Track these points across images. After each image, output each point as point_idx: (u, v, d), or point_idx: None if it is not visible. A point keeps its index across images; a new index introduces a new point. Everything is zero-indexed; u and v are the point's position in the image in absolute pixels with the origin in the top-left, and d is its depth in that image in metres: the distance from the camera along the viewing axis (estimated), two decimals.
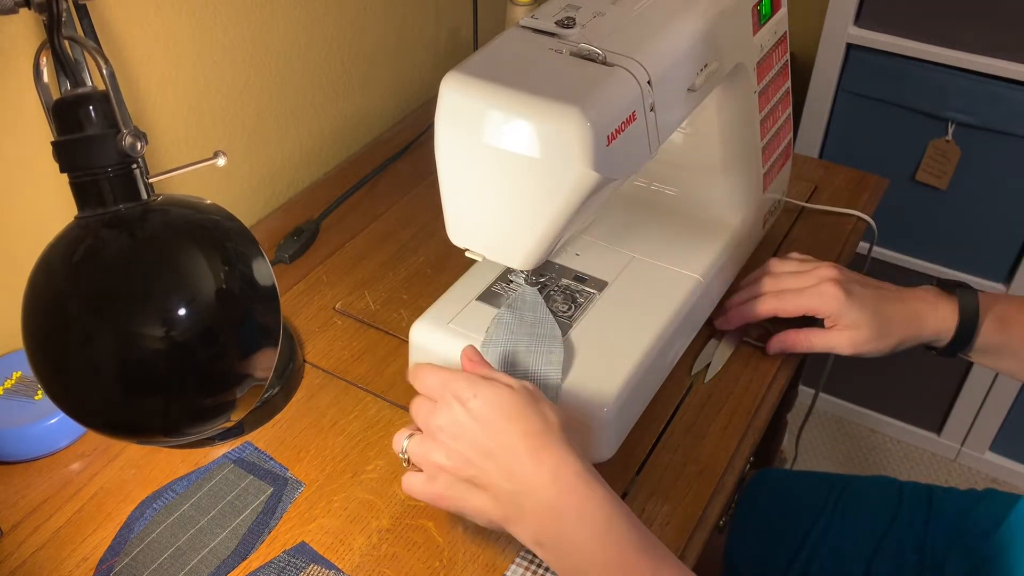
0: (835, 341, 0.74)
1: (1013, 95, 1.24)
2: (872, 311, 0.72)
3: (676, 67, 0.65)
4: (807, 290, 0.74)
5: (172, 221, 0.59)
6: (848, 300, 0.71)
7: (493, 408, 0.56)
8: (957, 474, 1.68)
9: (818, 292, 0.73)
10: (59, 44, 0.57)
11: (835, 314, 0.72)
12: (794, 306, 0.74)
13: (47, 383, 0.58)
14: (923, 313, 0.73)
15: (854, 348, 0.73)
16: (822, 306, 0.73)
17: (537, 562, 0.64)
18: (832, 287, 0.72)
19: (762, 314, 0.76)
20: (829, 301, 0.72)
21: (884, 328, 0.72)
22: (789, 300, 0.75)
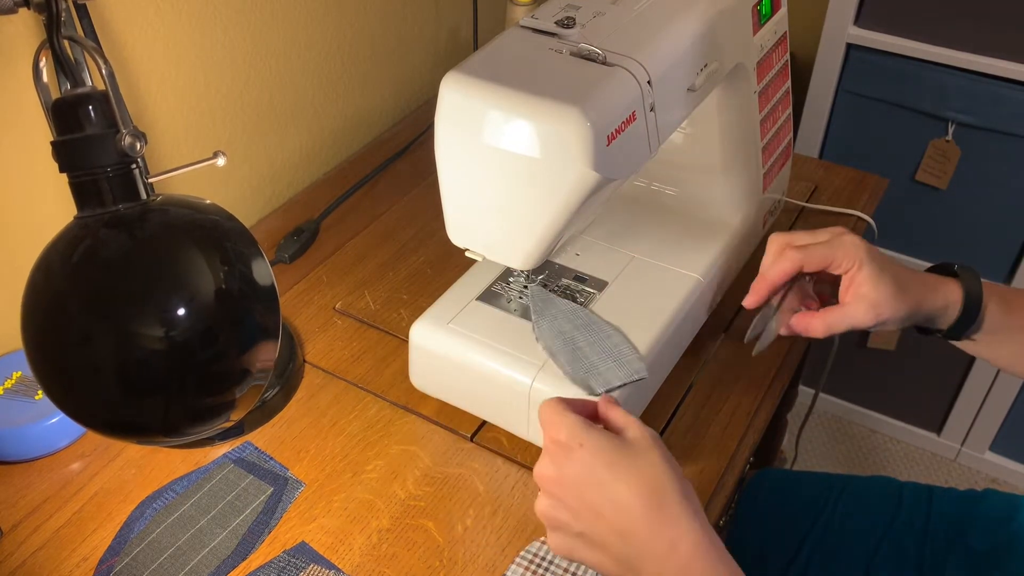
0: (854, 311, 0.68)
1: (1013, 95, 1.24)
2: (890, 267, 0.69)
3: (676, 67, 0.65)
4: (831, 241, 0.69)
5: (171, 221, 0.59)
6: (868, 252, 0.68)
7: (599, 460, 0.52)
8: (957, 474, 1.68)
9: (840, 243, 0.69)
10: (59, 44, 0.57)
11: (855, 266, 0.68)
12: (819, 255, 0.69)
13: (47, 383, 0.58)
14: (933, 282, 0.70)
15: (875, 313, 0.68)
16: (845, 256, 0.68)
17: (537, 562, 0.64)
18: (852, 237, 0.69)
19: (787, 271, 0.70)
20: (852, 250, 0.68)
21: (900, 288, 0.68)
22: (814, 251, 0.69)
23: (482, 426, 0.74)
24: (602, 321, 0.69)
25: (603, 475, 0.51)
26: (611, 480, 0.51)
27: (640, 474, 0.51)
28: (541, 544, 0.66)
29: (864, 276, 0.68)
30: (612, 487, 0.51)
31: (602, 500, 0.51)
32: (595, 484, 0.51)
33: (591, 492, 0.51)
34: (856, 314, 0.68)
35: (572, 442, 0.52)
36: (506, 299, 0.75)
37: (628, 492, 0.51)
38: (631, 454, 0.52)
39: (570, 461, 0.52)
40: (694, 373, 0.79)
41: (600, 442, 0.53)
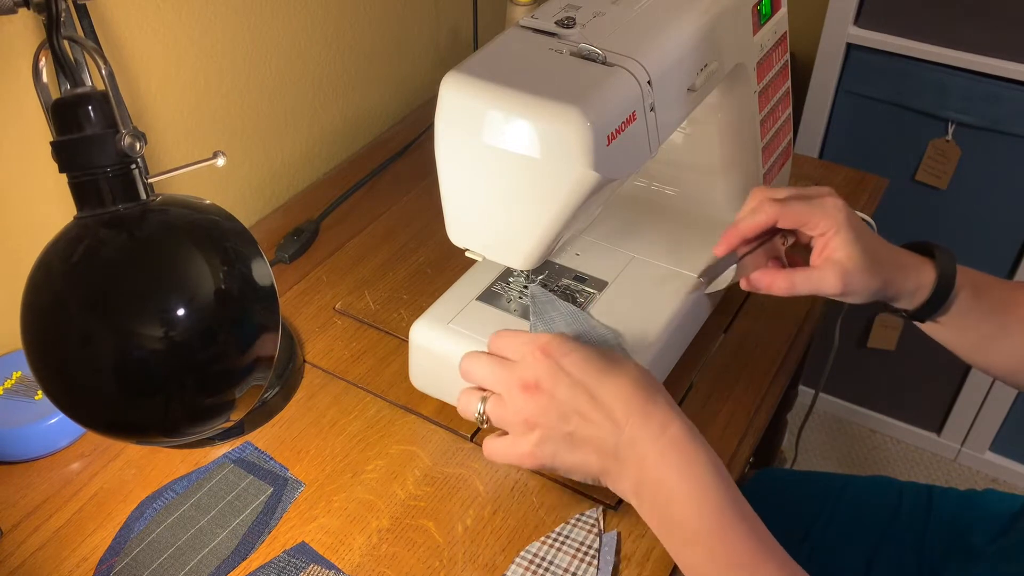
0: (822, 276, 0.66)
1: (1013, 95, 1.24)
2: (866, 239, 0.67)
3: (676, 67, 0.65)
4: (812, 200, 0.67)
5: (171, 221, 0.59)
6: (848, 219, 0.66)
7: (591, 363, 0.56)
8: (957, 474, 1.68)
9: (821, 204, 0.66)
10: (58, 44, 0.57)
11: (832, 230, 0.65)
12: (796, 212, 0.66)
13: (46, 383, 0.58)
14: (907, 262, 0.69)
15: (843, 282, 0.65)
16: (824, 218, 0.66)
17: (537, 562, 0.64)
18: (836, 200, 0.67)
19: (761, 223, 0.68)
20: (832, 212, 0.65)
21: (873, 262, 0.66)
22: (793, 206, 0.66)
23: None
24: (600, 325, 0.69)
25: (596, 377, 0.56)
26: (603, 377, 0.56)
27: (630, 372, 0.57)
28: (541, 544, 0.66)
29: (839, 242, 0.65)
30: (606, 387, 0.56)
31: (595, 399, 0.55)
32: (588, 386, 0.56)
33: (584, 394, 0.56)
34: (824, 279, 0.66)
35: (560, 349, 0.57)
36: (506, 299, 0.75)
37: (624, 383, 0.56)
38: (617, 359, 0.58)
39: (562, 367, 0.56)
40: (694, 373, 0.79)
41: (587, 351, 0.57)
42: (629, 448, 0.55)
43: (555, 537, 0.66)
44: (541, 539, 0.66)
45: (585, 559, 0.64)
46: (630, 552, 0.65)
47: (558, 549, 0.65)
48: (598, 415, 0.55)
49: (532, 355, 0.58)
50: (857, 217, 0.68)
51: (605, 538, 0.65)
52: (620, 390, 0.56)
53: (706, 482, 0.54)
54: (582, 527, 0.67)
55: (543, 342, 0.58)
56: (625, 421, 0.55)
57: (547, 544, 0.66)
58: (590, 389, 0.56)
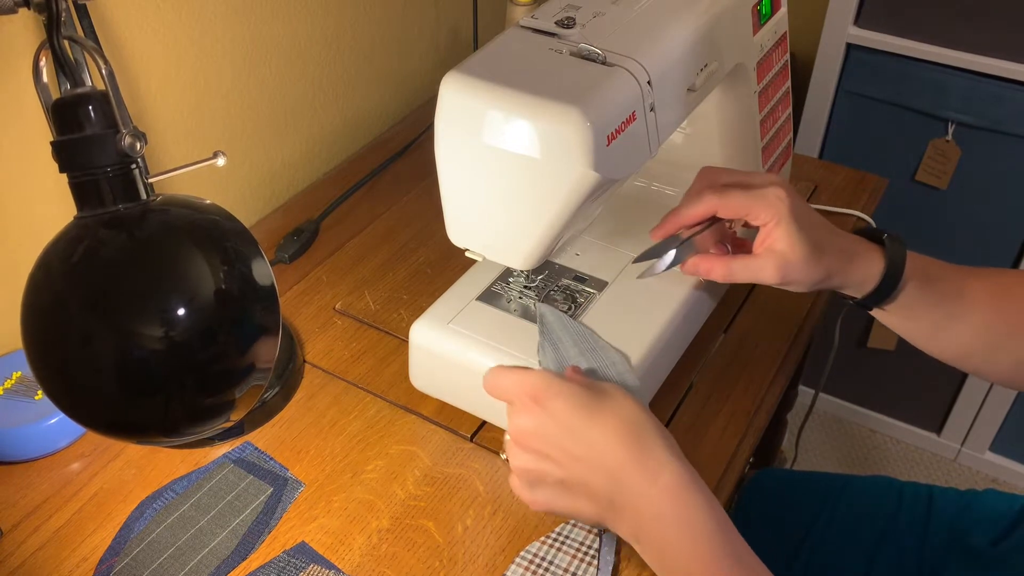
0: (761, 266, 0.65)
1: (1013, 95, 1.24)
2: (810, 229, 0.65)
3: (676, 67, 0.65)
4: (754, 190, 0.65)
5: (171, 221, 0.59)
6: (791, 209, 0.64)
7: (576, 408, 0.54)
8: (957, 474, 1.68)
9: (764, 194, 0.64)
10: (58, 44, 0.57)
11: (774, 222, 0.64)
12: (737, 203, 0.65)
13: (46, 383, 0.58)
14: (854, 252, 0.67)
15: (782, 273, 0.64)
16: (765, 208, 0.64)
17: (537, 562, 0.64)
18: (779, 191, 0.65)
19: (700, 214, 0.67)
20: (775, 203, 0.64)
21: (815, 253, 0.64)
22: (732, 197, 0.65)
23: (482, 426, 0.74)
24: (609, 346, 0.68)
25: (582, 419, 0.54)
26: (590, 423, 0.54)
27: (617, 414, 0.54)
28: (541, 544, 0.66)
29: (780, 232, 0.64)
30: (592, 429, 0.54)
31: (583, 443, 0.54)
32: (575, 429, 0.54)
33: (572, 437, 0.54)
34: (762, 268, 0.65)
35: (547, 393, 0.55)
36: (506, 299, 0.75)
37: (609, 431, 0.54)
38: (606, 398, 0.55)
39: (547, 412, 0.54)
40: (694, 373, 0.79)
41: (574, 389, 0.55)
42: (622, 496, 0.54)
43: (555, 537, 0.66)
44: (541, 539, 0.66)
45: (585, 559, 0.64)
46: (630, 552, 0.65)
47: (558, 549, 0.65)
48: (589, 462, 0.54)
49: (520, 401, 0.56)
50: (803, 205, 0.66)
51: (605, 538, 0.65)
52: (610, 435, 0.54)
53: (701, 529, 0.53)
54: (582, 527, 0.67)
55: (530, 385, 0.56)
56: (618, 468, 0.53)
57: (547, 544, 0.66)
58: (578, 435, 0.54)
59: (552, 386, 0.55)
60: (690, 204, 0.67)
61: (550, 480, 0.55)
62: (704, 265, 0.68)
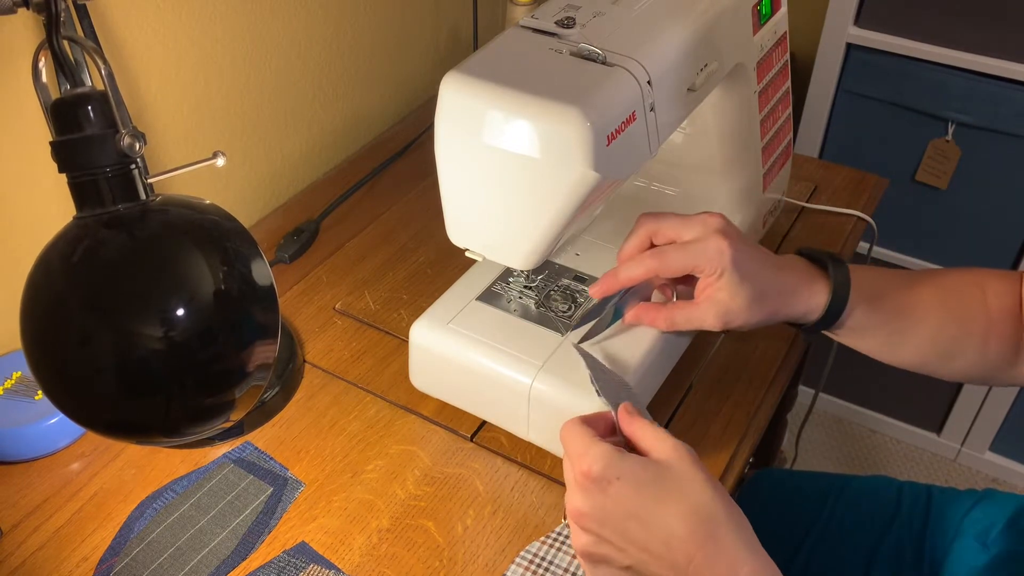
0: (702, 314, 0.64)
1: (1013, 95, 1.24)
2: (752, 276, 0.63)
3: (676, 67, 0.65)
4: (693, 245, 0.63)
5: (171, 221, 0.59)
6: (733, 260, 0.62)
7: (638, 493, 0.49)
8: (957, 474, 1.68)
9: (704, 248, 0.62)
10: (58, 44, 0.57)
11: (716, 274, 0.63)
12: (678, 264, 0.63)
13: (46, 384, 0.58)
14: (797, 287, 0.65)
15: (722, 321, 0.64)
16: (707, 263, 0.62)
17: (537, 562, 0.64)
18: (720, 240, 0.63)
19: (639, 277, 0.65)
20: (715, 257, 0.62)
21: (757, 298, 0.63)
22: (671, 257, 0.63)
23: (482, 426, 0.74)
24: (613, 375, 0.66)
25: (648, 509, 0.49)
26: (657, 514, 0.48)
27: (687, 504, 0.49)
28: (541, 544, 0.66)
29: (722, 283, 0.63)
30: (659, 521, 0.48)
31: (650, 535, 0.48)
32: (640, 519, 0.49)
33: (637, 527, 0.49)
34: (704, 317, 0.65)
35: (607, 475, 0.49)
36: (506, 299, 0.75)
37: (678, 525, 0.48)
38: (673, 482, 0.49)
39: (608, 497, 0.49)
40: (694, 373, 0.79)
41: (638, 473, 0.49)
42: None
43: (555, 537, 0.66)
44: (541, 539, 0.66)
45: None
46: None
47: (558, 549, 0.65)
48: (655, 554, 0.49)
49: (576, 480, 0.51)
50: (745, 250, 0.64)
51: None
52: (678, 527, 0.48)
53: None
54: None
55: (587, 465, 0.50)
56: (686, 563, 0.48)
57: (547, 544, 0.66)
58: (643, 523, 0.49)
59: (611, 466, 0.49)
60: (628, 267, 0.65)
61: (615, 564, 0.51)
62: (647, 316, 0.68)
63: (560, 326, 0.72)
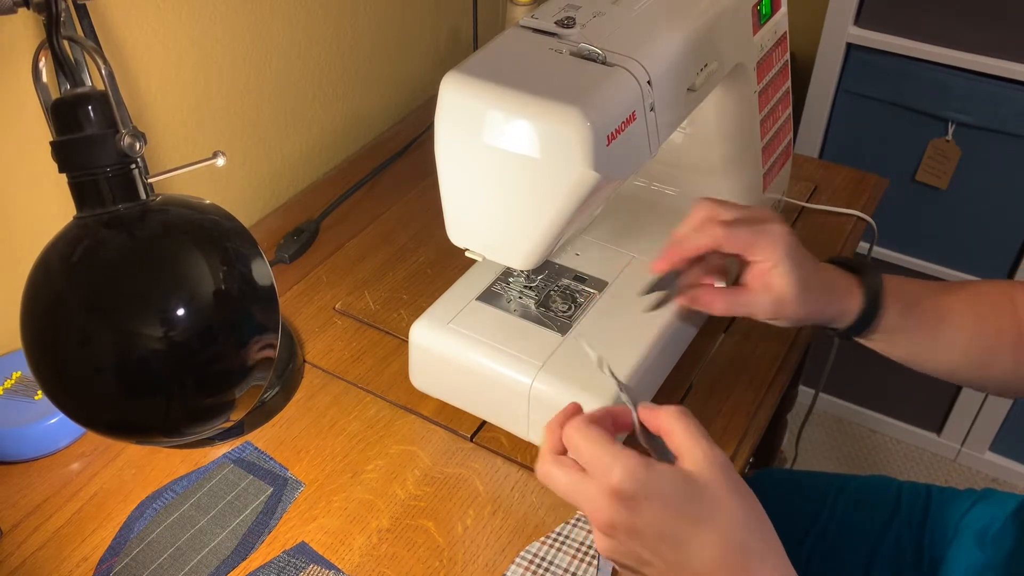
0: (757, 302, 0.66)
1: (1013, 95, 1.24)
2: (803, 268, 0.65)
3: (676, 67, 0.65)
4: (757, 226, 0.65)
5: (171, 221, 0.59)
6: (789, 249, 0.64)
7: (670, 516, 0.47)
8: (957, 474, 1.68)
9: (765, 231, 0.64)
10: (58, 44, 0.57)
11: (772, 261, 0.64)
12: (743, 240, 0.64)
13: (46, 383, 0.58)
14: (836, 287, 0.68)
15: (775, 310, 0.65)
16: (766, 246, 0.64)
17: (536, 562, 0.64)
18: (779, 226, 0.65)
19: (704, 246, 0.65)
20: (779, 242, 0.64)
21: (806, 291, 0.65)
22: (739, 233, 0.64)
23: (482, 426, 0.74)
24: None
25: (680, 531, 0.47)
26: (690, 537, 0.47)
27: (722, 531, 0.47)
28: (541, 544, 0.66)
29: (778, 272, 0.64)
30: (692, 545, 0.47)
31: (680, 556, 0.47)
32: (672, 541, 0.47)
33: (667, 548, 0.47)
34: (758, 304, 0.66)
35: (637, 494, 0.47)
36: (506, 299, 0.75)
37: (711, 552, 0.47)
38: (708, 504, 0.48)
39: (638, 516, 0.47)
40: (694, 373, 0.79)
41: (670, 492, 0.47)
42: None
43: (555, 537, 0.66)
44: (541, 539, 0.66)
45: (585, 559, 0.64)
46: None
47: (558, 549, 0.65)
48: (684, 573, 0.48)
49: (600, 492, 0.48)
50: (798, 244, 0.66)
51: None
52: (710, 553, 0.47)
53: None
54: (582, 527, 0.67)
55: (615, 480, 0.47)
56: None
57: (547, 544, 0.66)
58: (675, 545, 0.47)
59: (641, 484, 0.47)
60: (694, 236, 0.65)
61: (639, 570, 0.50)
62: (705, 298, 0.68)
63: (560, 326, 0.72)
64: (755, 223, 0.65)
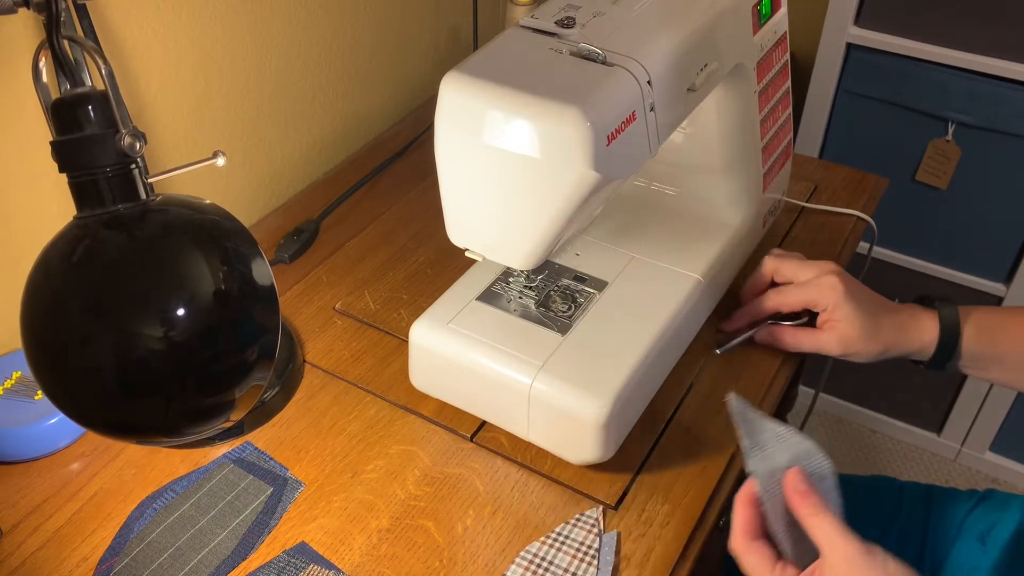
0: (825, 340, 0.75)
1: (1013, 95, 1.24)
2: (865, 311, 0.73)
3: (676, 67, 0.65)
4: (809, 283, 0.75)
5: (171, 221, 0.59)
6: (846, 294, 0.73)
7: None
8: (957, 474, 1.68)
9: (818, 284, 0.74)
10: (58, 44, 0.57)
11: (832, 306, 0.73)
12: (795, 299, 0.76)
13: (46, 383, 0.58)
14: (908, 325, 0.75)
15: (843, 347, 0.74)
16: (820, 297, 0.74)
17: (537, 563, 0.64)
18: (833, 279, 0.74)
19: (766, 311, 0.78)
20: (828, 292, 0.73)
21: (873, 331, 0.73)
22: (790, 294, 0.76)
23: (482, 426, 0.74)
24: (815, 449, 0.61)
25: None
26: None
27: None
28: (541, 544, 0.66)
29: (840, 314, 0.73)
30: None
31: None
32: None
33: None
34: (826, 343, 0.75)
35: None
36: (506, 299, 0.75)
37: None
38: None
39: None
40: (694, 373, 0.79)
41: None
42: None
43: (555, 537, 0.66)
44: (541, 539, 0.66)
45: (585, 559, 0.64)
46: (630, 552, 0.65)
47: (558, 549, 0.65)
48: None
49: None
50: (858, 288, 0.75)
51: (605, 538, 0.65)
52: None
53: None
54: (582, 527, 0.67)
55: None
56: None
57: (547, 544, 0.66)
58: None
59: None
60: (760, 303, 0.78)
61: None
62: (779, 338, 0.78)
63: (560, 326, 0.72)
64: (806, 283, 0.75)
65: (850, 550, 0.55)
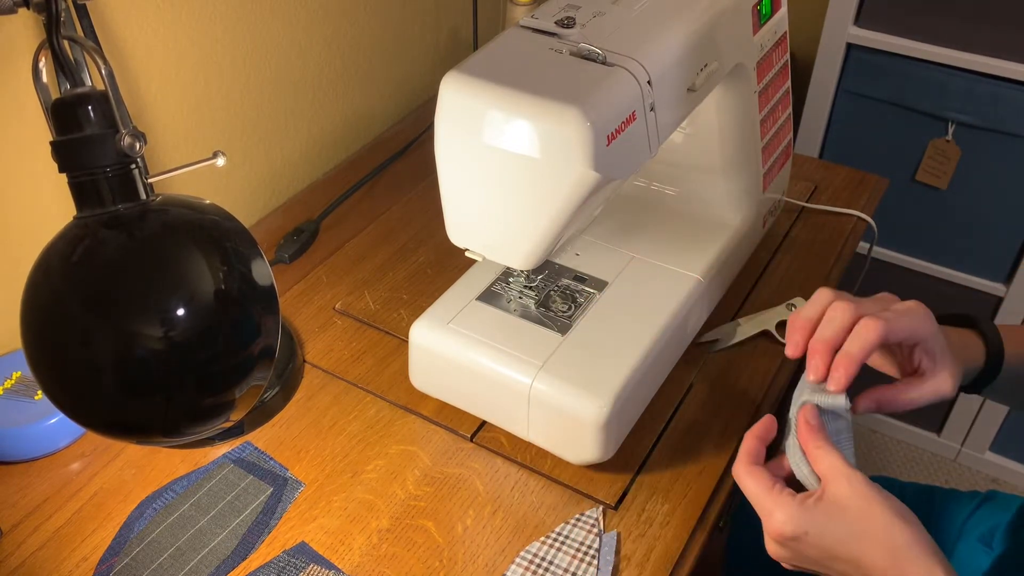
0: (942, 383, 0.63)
1: (1013, 95, 1.24)
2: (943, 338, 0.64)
3: (676, 67, 0.65)
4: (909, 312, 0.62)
5: (171, 221, 0.59)
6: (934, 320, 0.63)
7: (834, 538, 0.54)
8: (957, 474, 1.68)
9: (915, 312, 0.62)
10: (58, 44, 0.57)
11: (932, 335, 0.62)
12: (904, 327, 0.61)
13: (46, 383, 0.58)
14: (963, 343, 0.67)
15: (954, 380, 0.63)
16: (922, 327, 0.62)
17: (536, 562, 0.64)
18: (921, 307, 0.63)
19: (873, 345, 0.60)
20: (927, 321, 0.62)
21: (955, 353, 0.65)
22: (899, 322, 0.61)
23: (482, 426, 0.74)
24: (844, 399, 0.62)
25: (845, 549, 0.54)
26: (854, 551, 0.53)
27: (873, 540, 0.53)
28: (541, 544, 0.66)
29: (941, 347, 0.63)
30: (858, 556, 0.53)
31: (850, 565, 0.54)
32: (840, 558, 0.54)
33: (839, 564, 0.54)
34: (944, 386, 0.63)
35: (798, 533, 0.55)
36: (506, 299, 0.75)
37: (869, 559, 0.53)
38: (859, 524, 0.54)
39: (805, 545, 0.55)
40: (694, 373, 0.79)
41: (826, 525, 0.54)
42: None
43: (555, 537, 0.66)
44: (541, 539, 0.66)
45: (585, 559, 0.64)
46: (630, 552, 0.65)
47: (558, 549, 0.65)
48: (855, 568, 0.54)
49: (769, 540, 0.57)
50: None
51: (605, 538, 0.65)
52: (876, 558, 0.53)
53: None
54: (582, 527, 0.67)
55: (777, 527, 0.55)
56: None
57: (547, 544, 0.66)
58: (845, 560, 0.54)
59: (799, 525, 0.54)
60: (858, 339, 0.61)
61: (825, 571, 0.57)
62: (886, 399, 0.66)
63: (560, 326, 0.72)
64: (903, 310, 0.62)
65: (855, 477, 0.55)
